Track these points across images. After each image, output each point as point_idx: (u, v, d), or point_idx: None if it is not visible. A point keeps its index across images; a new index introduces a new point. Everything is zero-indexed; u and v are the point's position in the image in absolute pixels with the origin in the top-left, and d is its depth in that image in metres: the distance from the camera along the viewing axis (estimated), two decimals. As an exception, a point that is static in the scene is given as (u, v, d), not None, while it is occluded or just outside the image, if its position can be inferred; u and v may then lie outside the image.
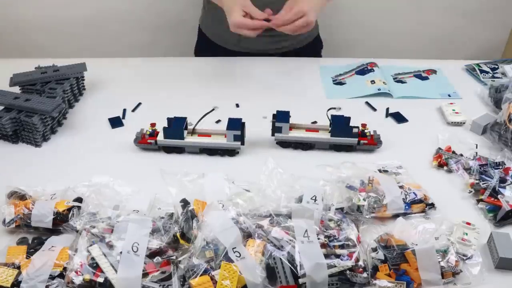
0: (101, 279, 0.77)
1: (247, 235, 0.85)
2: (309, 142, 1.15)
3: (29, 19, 1.99)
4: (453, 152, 1.13)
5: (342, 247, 0.83)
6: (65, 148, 1.17)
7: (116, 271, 0.78)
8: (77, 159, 1.13)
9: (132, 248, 0.80)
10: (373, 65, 1.51)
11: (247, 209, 0.92)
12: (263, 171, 1.04)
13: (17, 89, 1.29)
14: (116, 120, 1.26)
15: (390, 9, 2.07)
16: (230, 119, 1.11)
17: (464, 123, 1.25)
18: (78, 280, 0.77)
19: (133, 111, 1.31)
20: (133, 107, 1.31)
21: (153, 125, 1.14)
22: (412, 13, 2.08)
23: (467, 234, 0.89)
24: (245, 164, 1.11)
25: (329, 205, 0.92)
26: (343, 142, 1.13)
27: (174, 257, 0.82)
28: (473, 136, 1.21)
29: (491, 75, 1.47)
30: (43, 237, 0.89)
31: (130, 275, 0.78)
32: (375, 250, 0.85)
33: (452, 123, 1.26)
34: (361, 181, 0.99)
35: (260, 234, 0.84)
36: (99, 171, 1.05)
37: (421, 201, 0.96)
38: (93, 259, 0.80)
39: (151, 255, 0.81)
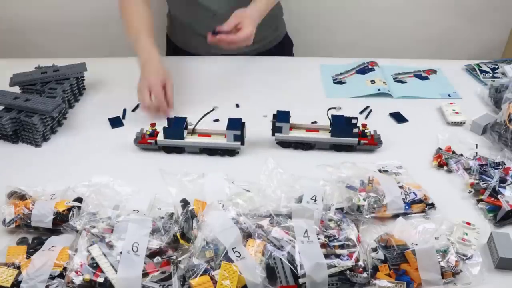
0: (101, 279, 0.77)
1: (247, 235, 0.85)
2: (309, 142, 1.15)
3: (29, 19, 1.98)
4: (453, 152, 1.13)
5: (342, 247, 0.83)
6: (65, 148, 1.17)
7: (116, 271, 0.78)
8: (77, 159, 1.13)
9: (132, 248, 0.80)
10: (374, 64, 1.51)
11: (247, 209, 0.92)
12: (263, 171, 1.04)
13: (17, 89, 1.30)
14: (116, 120, 1.26)
15: (390, 9, 2.07)
16: (230, 119, 1.11)
17: (464, 123, 1.25)
18: (78, 280, 0.77)
19: (133, 111, 1.31)
20: (133, 107, 1.31)
21: (153, 125, 1.14)
22: (412, 13, 2.08)
23: (467, 234, 0.89)
24: (245, 164, 1.11)
25: (329, 205, 0.92)
26: (343, 142, 1.13)
27: (174, 257, 0.82)
28: (473, 136, 1.21)
29: (491, 75, 1.47)
30: (43, 237, 0.89)
31: (130, 275, 0.78)
32: (375, 250, 0.85)
33: (452, 123, 1.26)
34: (361, 181, 0.99)
35: (260, 234, 0.84)
36: (99, 171, 1.05)
37: (421, 201, 0.96)
38: (93, 259, 0.80)
39: (151, 255, 0.81)
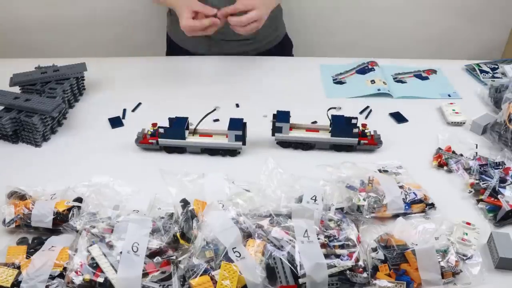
0: (101, 279, 0.77)
1: (247, 235, 0.85)
2: (309, 142, 1.15)
3: (29, 19, 1.98)
4: (453, 152, 1.13)
5: (342, 247, 0.83)
6: (65, 148, 1.17)
7: (116, 271, 0.78)
8: (77, 159, 1.13)
9: (132, 248, 0.80)
10: (374, 64, 1.51)
11: (247, 209, 0.92)
12: (263, 171, 1.04)
13: (17, 89, 1.29)
14: (116, 120, 1.26)
15: (390, 9, 2.06)
16: (231, 119, 1.11)
17: (464, 123, 1.25)
18: (78, 280, 0.77)
19: (133, 111, 1.31)
20: (133, 107, 1.31)
21: (155, 125, 1.14)
22: (412, 13, 2.08)
23: (467, 234, 0.89)
24: (246, 164, 1.11)
25: (329, 205, 0.92)
26: (343, 142, 1.13)
27: (174, 257, 0.82)
28: (473, 136, 1.21)
29: (491, 75, 1.47)
30: (43, 237, 0.89)
31: (130, 275, 0.78)
32: (375, 250, 0.85)
33: (452, 123, 1.26)
34: (361, 181, 0.99)
35: (260, 234, 0.84)
36: (99, 171, 1.05)
37: (421, 201, 0.96)
38: (93, 259, 0.80)
39: (151, 255, 0.81)
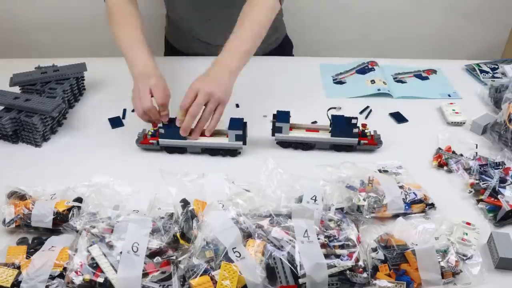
0: (101, 279, 0.77)
1: (247, 235, 0.85)
2: (309, 142, 1.15)
3: (29, 19, 1.99)
4: (453, 152, 1.12)
5: (342, 247, 0.83)
6: (65, 148, 1.17)
7: (116, 271, 0.78)
8: (77, 159, 1.13)
9: (132, 248, 0.80)
10: (374, 64, 1.51)
11: (247, 209, 0.92)
12: (263, 171, 1.04)
13: (17, 89, 1.29)
14: (116, 120, 1.26)
15: (390, 9, 2.07)
16: (231, 119, 1.11)
17: (464, 123, 1.25)
18: (78, 280, 0.77)
19: (133, 111, 1.30)
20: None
21: (155, 125, 1.13)
22: (412, 13, 2.08)
23: (467, 234, 0.89)
24: (247, 164, 1.11)
25: (329, 205, 0.92)
26: (343, 142, 1.13)
27: (174, 257, 0.81)
28: (473, 136, 1.21)
29: (491, 75, 1.47)
30: (43, 237, 0.89)
31: (130, 275, 0.78)
32: (375, 250, 0.85)
33: (452, 123, 1.25)
34: (361, 181, 0.99)
35: (260, 234, 0.84)
36: (99, 171, 1.05)
37: (421, 201, 0.96)
38: (93, 259, 0.80)
39: (151, 255, 0.81)
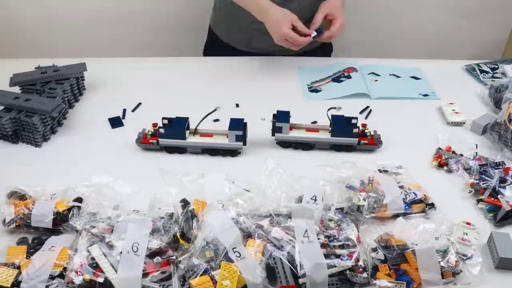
0: (101, 279, 0.77)
1: (247, 235, 0.85)
2: (309, 142, 1.15)
3: (29, 19, 1.99)
4: (453, 152, 1.13)
5: (342, 247, 0.83)
6: (65, 148, 1.17)
7: (116, 271, 0.78)
8: (77, 159, 1.13)
9: (132, 248, 0.80)
10: (350, 71, 1.47)
11: (247, 209, 0.92)
12: (263, 171, 1.04)
13: (17, 89, 1.29)
14: (116, 120, 1.26)
15: (390, 9, 2.06)
16: (232, 119, 1.11)
17: (464, 123, 1.25)
18: (78, 280, 0.77)
19: (133, 111, 1.31)
20: (133, 107, 1.31)
21: (155, 125, 1.13)
22: (412, 13, 2.08)
23: (467, 234, 0.89)
24: (247, 164, 1.11)
25: (329, 205, 0.92)
26: (343, 142, 1.13)
27: (174, 257, 0.82)
28: (473, 136, 1.21)
29: (491, 75, 1.47)
30: (43, 237, 0.89)
31: (130, 275, 0.78)
32: (375, 250, 0.85)
33: (452, 123, 1.26)
34: (361, 181, 0.99)
35: (260, 234, 0.84)
36: (99, 171, 1.05)
37: (421, 201, 0.96)
38: (93, 259, 0.80)
39: (151, 255, 0.81)
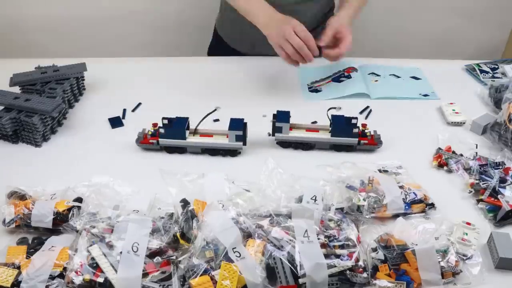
0: (101, 279, 0.77)
1: (247, 235, 0.85)
2: (309, 142, 1.15)
3: (29, 19, 1.99)
4: (453, 152, 1.13)
5: (342, 247, 0.83)
6: (65, 148, 1.17)
7: (116, 271, 0.78)
8: (77, 159, 1.13)
9: (132, 248, 0.80)
10: (350, 71, 1.47)
11: (247, 209, 0.92)
12: (263, 171, 1.04)
13: (17, 89, 1.29)
14: (116, 120, 1.26)
15: (390, 9, 2.07)
16: (232, 119, 1.11)
17: (464, 123, 1.25)
18: (78, 280, 0.77)
19: (133, 111, 1.31)
20: (133, 107, 1.31)
21: (155, 125, 1.13)
22: (412, 13, 2.08)
23: (467, 234, 0.89)
24: (247, 164, 1.11)
25: (329, 205, 0.92)
26: (343, 142, 1.13)
27: (174, 257, 0.82)
28: (473, 136, 1.21)
29: (491, 75, 1.47)
30: (43, 237, 0.89)
31: (130, 275, 0.78)
32: (375, 250, 0.85)
33: (452, 123, 1.26)
34: (361, 181, 0.99)
35: (260, 234, 0.84)
36: (99, 171, 1.05)
37: (421, 201, 0.96)
38: (93, 259, 0.80)
39: (151, 255, 0.81)
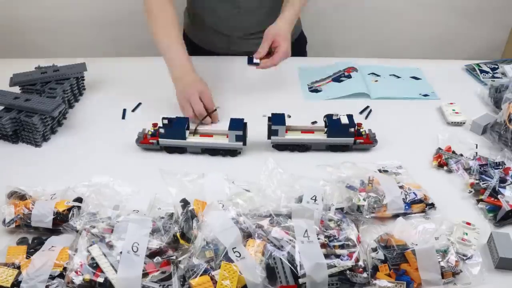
0: (101, 279, 0.77)
1: (247, 235, 0.85)
2: (305, 143, 1.14)
3: (29, 19, 1.99)
4: (453, 152, 1.13)
5: (342, 247, 0.83)
6: (65, 148, 1.17)
7: (116, 271, 0.78)
8: (77, 159, 1.13)
9: (132, 248, 0.80)
10: (351, 70, 1.47)
11: (247, 209, 0.92)
12: (263, 171, 1.04)
13: (17, 89, 1.30)
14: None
15: (390, 9, 2.07)
16: (232, 119, 1.11)
17: (464, 123, 1.25)
18: (78, 280, 0.77)
19: (133, 111, 1.31)
20: (133, 107, 1.31)
21: (155, 125, 1.13)
22: (412, 13, 2.08)
23: (467, 234, 0.89)
24: (247, 164, 1.11)
25: (329, 205, 0.92)
26: (339, 142, 1.13)
27: (174, 257, 0.82)
28: (473, 136, 1.21)
29: (491, 75, 1.47)
30: (43, 237, 0.89)
31: (130, 275, 0.78)
32: (375, 250, 0.85)
33: (452, 123, 1.26)
34: (361, 181, 0.99)
35: (260, 234, 0.84)
36: (99, 171, 1.05)
37: (421, 201, 0.96)
38: (93, 259, 0.80)
39: (151, 255, 0.81)
